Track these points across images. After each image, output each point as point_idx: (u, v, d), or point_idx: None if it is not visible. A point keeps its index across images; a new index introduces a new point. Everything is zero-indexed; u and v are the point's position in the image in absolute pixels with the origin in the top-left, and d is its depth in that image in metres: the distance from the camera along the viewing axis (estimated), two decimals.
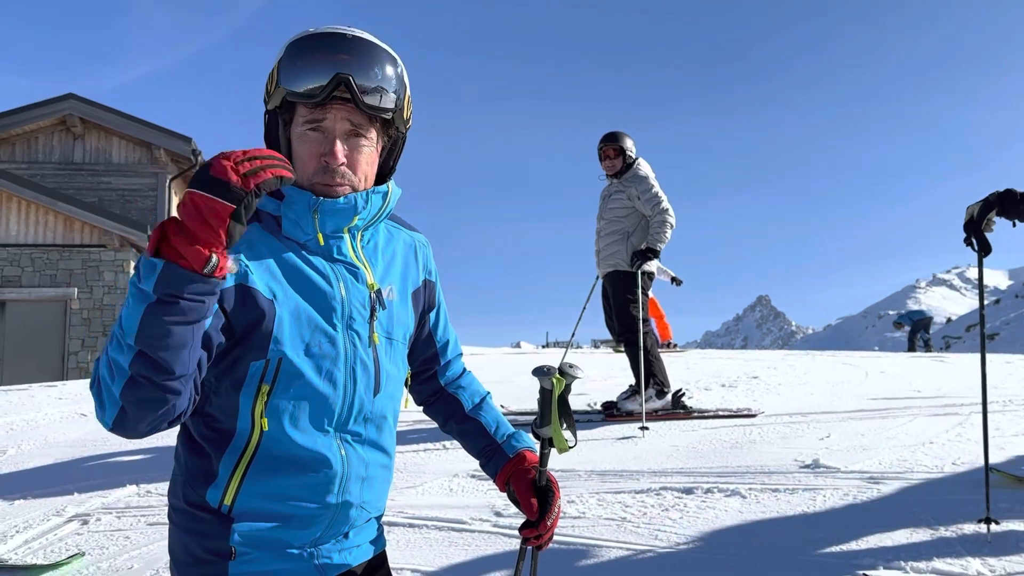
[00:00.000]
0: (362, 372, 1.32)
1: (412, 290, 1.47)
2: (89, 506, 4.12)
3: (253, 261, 1.25)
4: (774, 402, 6.36)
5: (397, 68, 1.32)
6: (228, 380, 1.25)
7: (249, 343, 1.23)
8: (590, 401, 6.67)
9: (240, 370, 1.24)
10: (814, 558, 2.99)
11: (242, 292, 1.22)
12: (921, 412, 5.61)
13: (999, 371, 8.12)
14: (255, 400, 1.25)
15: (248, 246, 1.26)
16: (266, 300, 1.23)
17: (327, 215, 1.29)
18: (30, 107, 17.02)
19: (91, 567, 3.28)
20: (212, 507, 1.27)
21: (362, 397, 1.33)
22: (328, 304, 1.29)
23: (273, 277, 1.26)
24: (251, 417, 1.25)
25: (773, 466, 4.21)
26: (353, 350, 1.31)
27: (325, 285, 1.29)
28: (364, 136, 1.31)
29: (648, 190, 5.85)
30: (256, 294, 1.22)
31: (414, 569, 3.07)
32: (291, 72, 1.27)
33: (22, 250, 15.48)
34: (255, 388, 1.24)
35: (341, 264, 1.33)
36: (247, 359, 1.24)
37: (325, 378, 1.28)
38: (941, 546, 2.99)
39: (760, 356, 11.39)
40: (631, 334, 5.79)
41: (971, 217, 3.13)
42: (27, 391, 9.32)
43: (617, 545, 3.20)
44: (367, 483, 1.37)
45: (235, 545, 1.26)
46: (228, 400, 1.26)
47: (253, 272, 1.23)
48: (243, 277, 1.22)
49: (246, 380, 1.24)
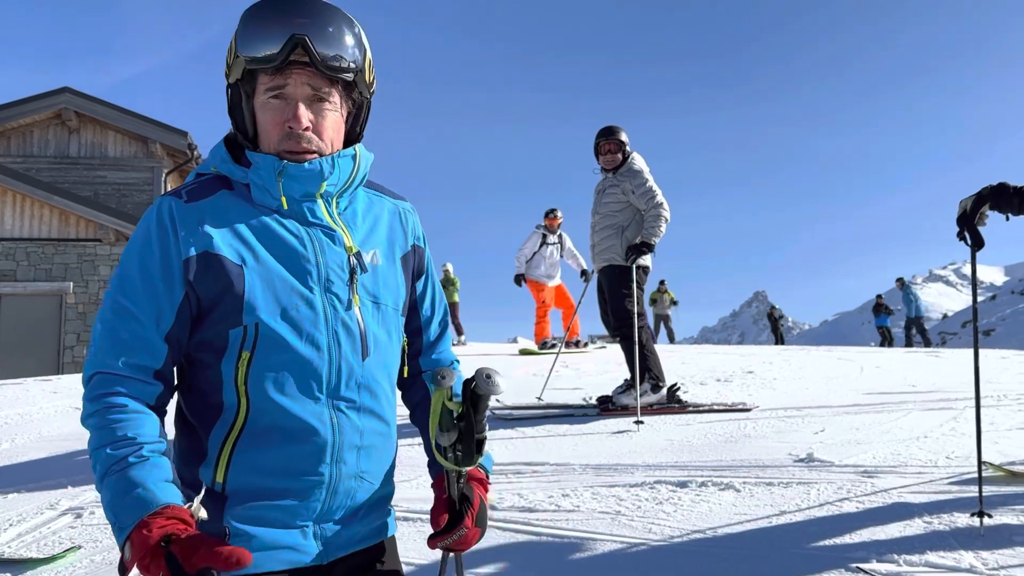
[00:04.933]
0: (345, 335, 1.30)
1: (401, 255, 1.45)
2: (83, 499, 4.11)
3: (221, 227, 1.24)
4: (769, 397, 6.37)
5: (354, 29, 1.32)
6: (209, 351, 1.25)
7: (223, 310, 1.23)
8: (585, 395, 6.68)
9: (219, 339, 1.24)
10: (808, 551, 3.00)
11: (206, 259, 1.22)
12: (915, 407, 5.62)
13: (994, 366, 8.14)
14: (236, 369, 1.23)
15: (217, 212, 1.26)
16: (234, 266, 1.23)
17: (292, 179, 1.28)
18: (25, 101, 16.96)
19: (85, 560, 3.28)
20: (205, 486, 1.26)
21: (350, 360, 1.30)
22: (302, 267, 1.28)
23: (243, 243, 1.25)
24: (235, 388, 1.24)
25: (767, 460, 4.22)
26: (333, 312, 1.29)
27: (299, 247, 1.29)
28: (327, 100, 1.30)
29: (642, 184, 5.84)
30: (223, 260, 1.22)
31: (408, 562, 3.07)
32: (247, 39, 1.26)
33: (17, 244, 15.44)
34: (235, 356, 1.23)
35: (317, 227, 1.31)
36: (223, 327, 1.23)
37: (306, 341, 1.26)
38: (934, 539, 2.99)
39: (756, 351, 11.40)
40: (626, 328, 5.79)
41: (964, 211, 3.13)
42: (22, 385, 9.30)
43: (611, 538, 3.20)
44: (364, 452, 1.34)
45: (228, 525, 1.24)
46: (212, 373, 1.26)
47: (219, 239, 1.23)
48: (207, 244, 1.22)
49: (227, 350, 1.24)
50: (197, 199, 1.27)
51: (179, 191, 1.29)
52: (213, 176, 1.33)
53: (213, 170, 1.34)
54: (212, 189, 1.30)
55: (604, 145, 6.05)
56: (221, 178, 1.33)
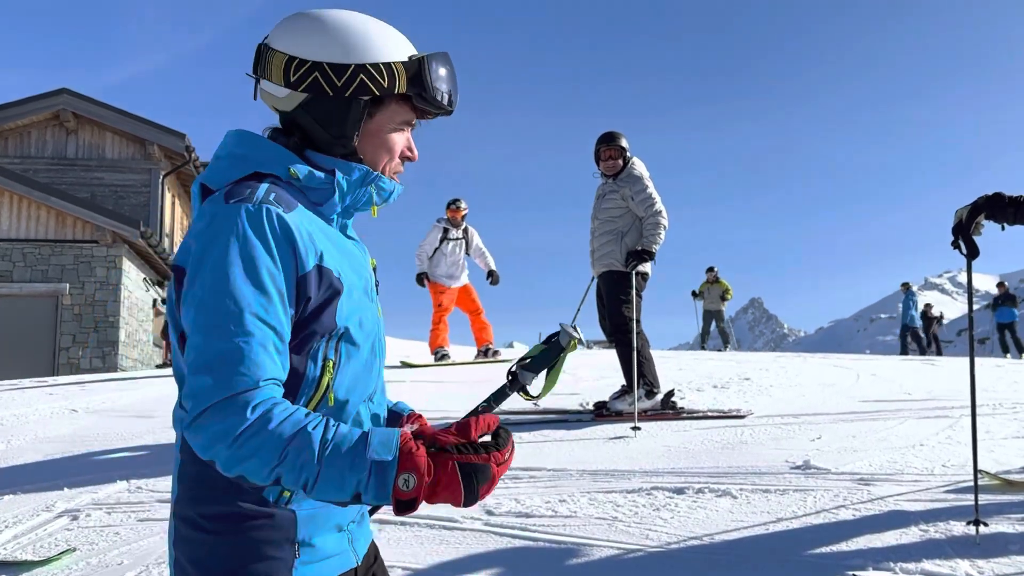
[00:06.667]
0: (383, 345, 1.40)
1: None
2: (79, 502, 4.11)
3: (322, 240, 1.27)
4: (765, 403, 6.37)
5: None
6: (296, 355, 1.24)
7: (320, 320, 1.25)
8: (582, 401, 6.68)
9: (309, 348, 1.25)
10: (804, 558, 3.01)
11: (319, 273, 1.24)
12: (911, 414, 5.64)
13: (989, 374, 8.16)
14: (321, 375, 1.26)
15: (309, 224, 1.25)
16: (335, 278, 1.26)
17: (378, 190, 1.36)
18: (23, 101, 16.98)
19: (81, 563, 3.28)
20: (269, 502, 1.22)
21: (382, 368, 1.40)
22: (365, 278, 1.35)
23: (337, 253, 1.29)
24: (316, 390, 1.25)
25: (764, 467, 4.23)
26: (380, 324, 1.39)
27: (361, 259, 1.37)
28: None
29: (642, 191, 5.85)
30: (330, 272, 1.25)
31: (405, 567, 3.07)
32: (438, 80, 1.34)
33: (13, 245, 15.42)
34: (319, 362, 1.26)
35: (354, 242, 1.39)
36: (315, 337, 1.25)
37: (370, 351, 1.34)
38: (930, 547, 3.00)
39: (752, 358, 11.42)
40: (622, 334, 5.80)
41: (960, 221, 3.15)
42: (17, 387, 9.28)
43: (608, 544, 3.20)
44: None
45: (300, 542, 1.23)
46: (292, 379, 1.23)
47: (325, 251, 1.26)
48: (319, 258, 1.24)
49: (313, 355, 1.25)
50: (291, 209, 1.23)
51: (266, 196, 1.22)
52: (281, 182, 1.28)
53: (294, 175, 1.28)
54: (291, 197, 1.26)
55: (605, 151, 6.05)
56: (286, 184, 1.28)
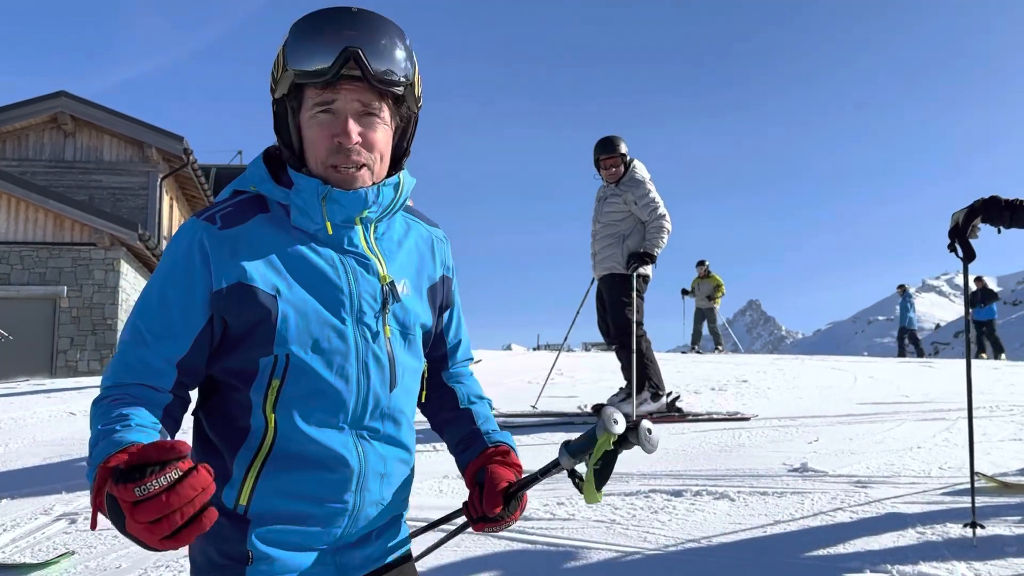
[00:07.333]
0: (375, 367, 1.29)
1: (428, 285, 1.42)
2: (77, 505, 4.10)
3: (256, 257, 1.23)
4: (763, 406, 6.39)
5: (405, 42, 1.28)
6: (238, 378, 1.24)
7: (254, 340, 1.22)
8: (580, 404, 6.69)
9: (250, 366, 1.23)
10: (801, 561, 3.01)
11: (239, 291, 1.21)
12: (909, 417, 5.65)
13: (986, 377, 8.18)
14: (265, 396, 1.23)
15: (252, 241, 1.24)
16: (268, 296, 1.21)
17: (336, 203, 1.26)
18: (21, 104, 16.94)
19: (79, 566, 3.27)
20: (228, 508, 1.24)
21: (377, 392, 1.29)
22: (336, 297, 1.26)
23: (276, 272, 1.23)
24: (263, 414, 1.23)
25: (762, 469, 4.24)
26: (365, 344, 1.28)
27: (334, 277, 1.26)
28: (376, 115, 1.26)
29: (645, 195, 5.85)
30: (256, 291, 1.21)
31: None
32: (297, 53, 1.23)
33: (11, 247, 15.40)
34: (265, 384, 1.23)
35: (351, 255, 1.29)
36: (254, 355, 1.22)
37: (336, 374, 1.25)
38: (927, 550, 3.01)
39: (750, 360, 11.43)
40: (625, 337, 5.80)
41: (956, 224, 3.17)
42: (15, 389, 9.27)
43: (606, 547, 3.21)
44: (387, 480, 1.33)
45: (251, 549, 1.23)
46: (240, 397, 1.25)
47: (253, 270, 1.22)
48: (240, 276, 1.21)
49: (256, 376, 1.23)
50: (231, 225, 1.24)
51: (213, 214, 1.26)
52: (250, 196, 1.30)
53: (252, 189, 1.31)
54: (248, 213, 1.27)
55: (606, 160, 6.02)
56: (258, 198, 1.30)
